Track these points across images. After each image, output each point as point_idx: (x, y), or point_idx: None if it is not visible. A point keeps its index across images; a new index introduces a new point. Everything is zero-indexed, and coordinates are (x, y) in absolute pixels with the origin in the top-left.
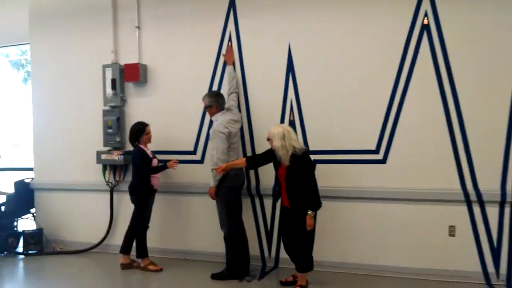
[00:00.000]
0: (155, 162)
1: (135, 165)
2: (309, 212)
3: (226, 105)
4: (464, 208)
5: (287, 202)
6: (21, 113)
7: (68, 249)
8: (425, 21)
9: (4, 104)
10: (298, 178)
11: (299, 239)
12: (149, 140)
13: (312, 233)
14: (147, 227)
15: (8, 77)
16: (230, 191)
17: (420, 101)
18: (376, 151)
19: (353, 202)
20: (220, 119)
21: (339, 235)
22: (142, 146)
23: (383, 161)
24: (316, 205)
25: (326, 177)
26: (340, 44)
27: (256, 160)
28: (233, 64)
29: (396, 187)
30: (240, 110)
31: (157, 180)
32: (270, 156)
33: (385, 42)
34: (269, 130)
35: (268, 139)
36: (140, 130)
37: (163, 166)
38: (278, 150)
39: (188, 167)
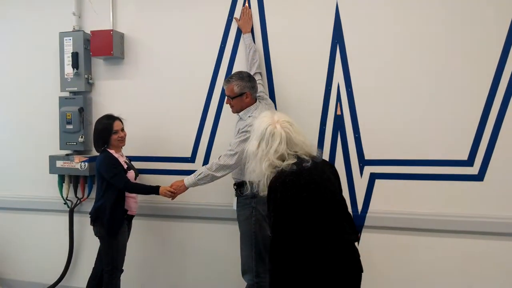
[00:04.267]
0: (131, 175)
1: (101, 179)
2: None
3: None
4: None
5: None
6: None
7: None
8: None
9: None
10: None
11: None
12: (121, 142)
13: None
14: (121, 270)
15: None
16: (264, 220)
17: None
18: (468, 163)
19: (432, 236)
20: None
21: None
22: (111, 151)
23: (479, 177)
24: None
25: (391, 199)
26: (417, 6)
27: None
28: (252, 32)
29: (500, 216)
30: None
31: (134, 202)
32: None
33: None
34: None
35: None
36: (106, 128)
37: (152, 188)
38: (247, 161)
39: None
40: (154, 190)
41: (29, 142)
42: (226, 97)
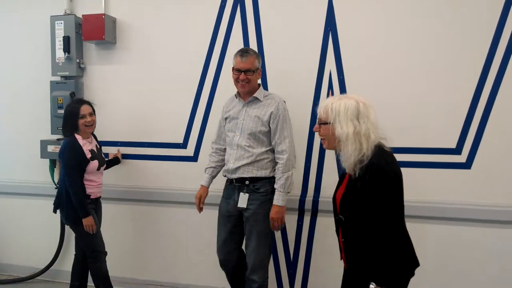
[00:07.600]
0: (93, 166)
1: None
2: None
3: None
4: None
5: (343, 256)
6: None
7: (2, 276)
8: None
9: None
10: (364, 210)
11: None
12: (89, 128)
13: None
14: (104, 253)
15: None
16: None
17: None
18: (456, 151)
19: (421, 223)
20: (277, 95)
21: None
22: (78, 137)
23: (466, 165)
24: (391, 275)
25: None
26: None
27: None
28: (245, 21)
29: (485, 204)
30: None
31: (94, 187)
32: None
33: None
34: (322, 103)
35: (321, 123)
36: (72, 112)
37: (82, 210)
38: (344, 144)
39: (175, 167)
40: (82, 213)
41: (21, 126)
42: (240, 73)
